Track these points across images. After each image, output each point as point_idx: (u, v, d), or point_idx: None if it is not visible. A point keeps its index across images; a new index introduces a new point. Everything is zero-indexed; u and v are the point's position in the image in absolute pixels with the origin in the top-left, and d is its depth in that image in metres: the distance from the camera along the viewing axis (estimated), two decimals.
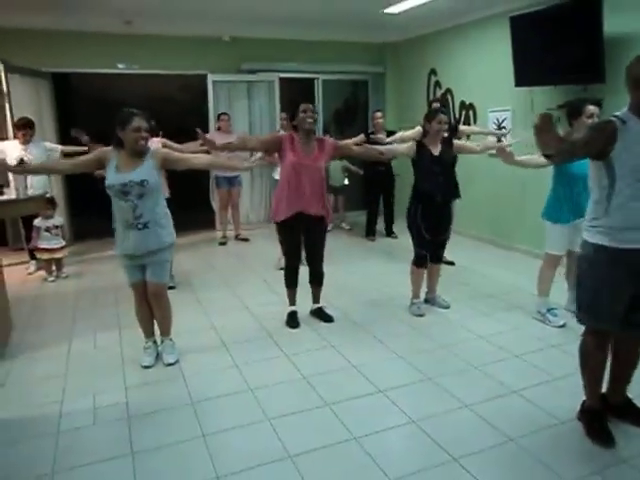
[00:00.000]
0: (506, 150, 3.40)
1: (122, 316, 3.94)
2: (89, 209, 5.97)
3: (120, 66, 6.44)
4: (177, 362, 3.27)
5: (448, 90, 6.75)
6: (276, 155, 3.79)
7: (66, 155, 5.17)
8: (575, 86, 4.75)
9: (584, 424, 2.49)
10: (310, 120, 3.52)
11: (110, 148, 3.01)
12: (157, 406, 2.78)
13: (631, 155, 2.11)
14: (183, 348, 3.42)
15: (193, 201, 6.83)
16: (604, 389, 2.56)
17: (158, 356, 3.32)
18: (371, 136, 5.64)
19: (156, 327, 3.35)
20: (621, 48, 4.25)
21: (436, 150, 3.79)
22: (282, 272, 3.97)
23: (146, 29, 6.26)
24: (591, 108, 3.34)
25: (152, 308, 3.26)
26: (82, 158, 3.10)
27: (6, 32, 5.76)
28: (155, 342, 3.36)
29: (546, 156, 2.24)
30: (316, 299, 3.99)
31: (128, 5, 5.47)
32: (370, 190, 6.63)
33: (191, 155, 3.36)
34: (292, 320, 3.84)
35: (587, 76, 4.57)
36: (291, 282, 3.86)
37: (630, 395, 2.58)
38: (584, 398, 2.54)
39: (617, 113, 2.19)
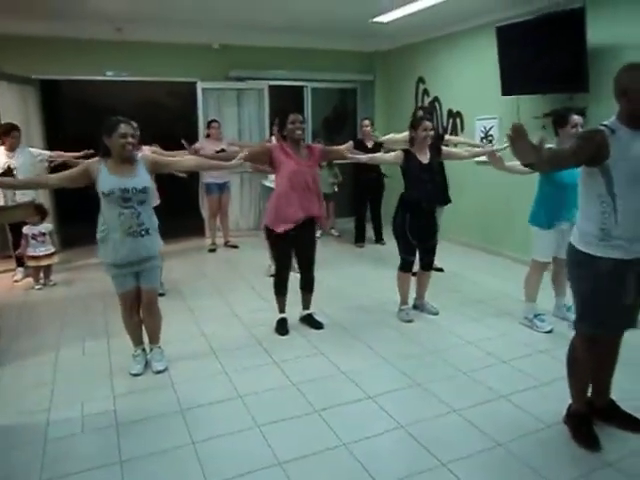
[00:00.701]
0: (496, 155, 3.45)
1: (110, 324, 3.92)
2: (77, 216, 5.93)
3: (109, 73, 6.43)
4: (166, 369, 3.25)
5: (436, 98, 6.82)
6: (266, 166, 3.81)
7: (52, 162, 5.15)
8: (561, 95, 4.84)
9: (570, 428, 2.52)
10: (299, 132, 3.57)
11: (96, 159, 3.01)
12: (146, 414, 2.77)
13: (628, 164, 2.14)
14: (172, 355, 3.41)
15: (182, 208, 6.82)
16: (588, 393, 2.59)
17: (147, 364, 3.31)
18: (361, 145, 5.68)
19: (145, 335, 3.34)
20: (604, 58, 4.34)
21: (425, 158, 3.83)
22: (272, 279, 3.97)
23: (135, 36, 6.27)
24: (575, 118, 3.41)
25: (143, 315, 3.24)
26: (69, 172, 3.04)
27: None
28: (144, 350, 3.35)
29: (527, 165, 2.26)
30: (306, 305, 4.00)
31: (118, 12, 5.50)
32: (359, 196, 6.67)
33: (182, 158, 3.37)
34: (281, 327, 3.84)
35: (572, 85, 4.65)
36: (282, 290, 3.87)
37: (614, 397, 2.62)
38: (570, 402, 2.57)
39: (605, 122, 2.22)
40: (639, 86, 2.13)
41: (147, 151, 4.43)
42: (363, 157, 3.99)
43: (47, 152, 5.41)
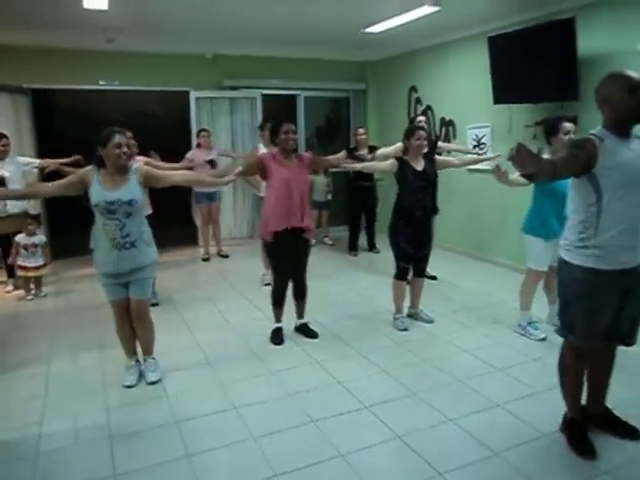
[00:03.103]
0: (501, 169, 3.44)
1: (103, 335, 3.88)
2: (68, 227, 5.89)
3: (101, 82, 6.42)
4: (160, 381, 3.22)
5: (428, 107, 6.86)
6: (256, 176, 3.83)
7: (44, 170, 5.12)
8: (552, 103, 4.88)
9: (566, 436, 2.52)
10: (292, 142, 3.60)
11: (90, 168, 3.01)
12: (140, 426, 2.74)
13: (615, 172, 2.16)
14: (166, 366, 3.38)
15: (175, 217, 6.80)
16: (583, 401, 2.60)
17: (141, 375, 3.28)
18: (354, 153, 5.69)
19: (138, 346, 3.31)
20: (594, 67, 4.39)
21: (419, 165, 3.84)
22: (266, 288, 3.96)
23: (128, 46, 6.26)
24: (567, 125, 3.43)
25: (134, 326, 3.22)
26: (64, 181, 3.05)
27: None
28: (138, 361, 3.32)
29: (526, 176, 2.28)
30: (300, 314, 3.99)
31: (111, 23, 5.49)
32: (353, 205, 6.68)
33: (173, 172, 3.36)
34: (276, 337, 3.82)
35: (563, 94, 4.70)
36: (280, 300, 3.85)
37: (610, 405, 2.63)
38: (565, 411, 2.57)
39: (593, 131, 2.24)
40: (619, 94, 2.16)
41: (141, 162, 4.43)
42: (357, 165, 4.01)
43: (36, 160, 5.38)
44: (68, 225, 5.80)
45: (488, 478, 2.30)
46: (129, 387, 3.15)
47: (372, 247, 6.66)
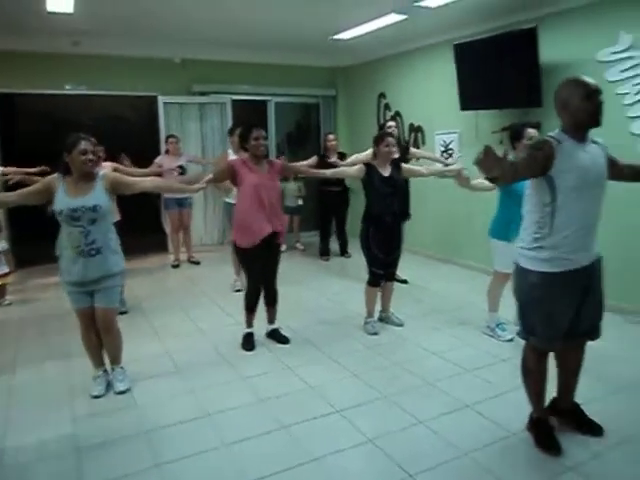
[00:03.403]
0: (463, 174, 3.50)
1: (69, 345, 3.78)
2: (32, 235, 5.73)
3: (67, 87, 6.29)
4: (129, 390, 3.17)
5: (397, 113, 6.95)
6: (227, 182, 3.81)
7: (9, 181, 4.97)
8: (516, 110, 5.01)
9: (533, 435, 2.58)
10: (263, 148, 3.59)
11: (56, 175, 2.96)
12: (108, 437, 2.69)
13: (571, 173, 2.23)
14: (135, 375, 3.32)
15: (145, 224, 6.69)
16: (555, 394, 2.68)
17: (109, 385, 3.21)
18: (325, 159, 5.71)
19: (106, 355, 3.25)
20: (556, 74, 4.51)
21: (386, 171, 3.89)
22: (236, 294, 3.94)
23: (95, 50, 6.17)
24: (531, 131, 3.53)
25: (101, 335, 3.16)
26: (28, 189, 2.99)
27: None
28: (105, 371, 3.25)
29: (490, 180, 2.33)
30: (271, 320, 3.98)
31: (76, 26, 5.40)
32: (324, 210, 6.70)
33: (141, 179, 3.32)
34: (248, 343, 3.80)
35: (527, 100, 4.83)
36: (253, 304, 3.82)
37: (580, 401, 2.70)
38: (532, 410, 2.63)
39: (551, 134, 2.32)
40: (577, 99, 2.24)
41: (108, 168, 4.36)
42: (327, 172, 4.03)
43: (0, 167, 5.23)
44: (32, 233, 5.65)
45: (457, 478, 2.33)
46: (97, 397, 3.09)
47: (344, 252, 6.70)
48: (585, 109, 2.24)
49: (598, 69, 4.26)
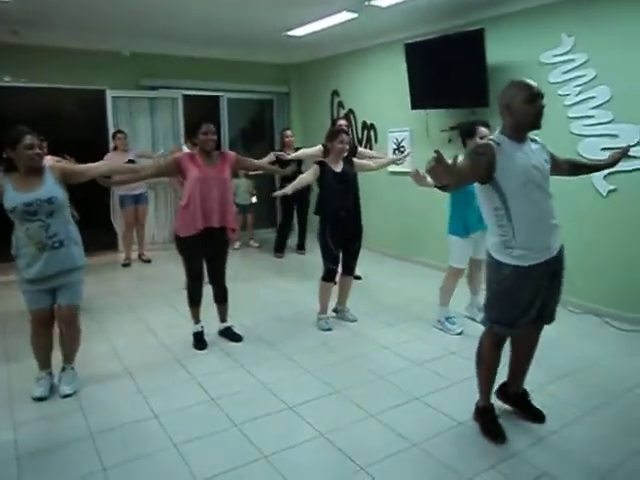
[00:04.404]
0: (420, 174, 3.54)
1: (11, 347, 3.63)
2: None
3: (6, 79, 6.00)
4: (75, 393, 3.06)
5: (350, 110, 7.01)
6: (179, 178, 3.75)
7: None
8: (464, 109, 5.14)
9: (479, 423, 2.66)
10: (212, 143, 3.53)
11: (0, 175, 2.83)
12: (52, 442, 2.59)
13: (514, 174, 2.30)
14: (82, 378, 3.21)
15: (93, 221, 6.47)
16: (505, 378, 2.77)
17: (52, 388, 3.09)
18: (274, 153, 5.64)
19: (54, 356, 3.12)
20: (502, 75, 4.67)
21: (338, 167, 3.91)
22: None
23: (37, 41, 5.91)
24: (483, 130, 3.63)
25: (62, 334, 3.05)
26: None
27: None
28: (50, 374, 3.12)
29: (440, 187, 2.39)
30: (223, 318, 3.93)
31: (14, 14, 5.15)
32: (285, 206, 6.64)
33: (95, 164, 3.23)
34: (199, 341, 3.75)
35: (474, 100, 4.96)
36: (195, 299, 3.76)
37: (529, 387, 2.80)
38: (478, 399, 2.71)
39: (492, 137, 2.40)
40: (520, 101, 2.31)
41: (51, 161, 4.19)
42: (288, 190, 3.94)
43: None
44: None
45: (408, 468, 2.37)
46: (39, 400, 2.97)
47: (300, 248, 6.69)
48: (527, 112, 2.32)
49: (542, 71, 4.43)
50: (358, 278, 5.32)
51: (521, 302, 2.43)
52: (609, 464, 2.38)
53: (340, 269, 4.13)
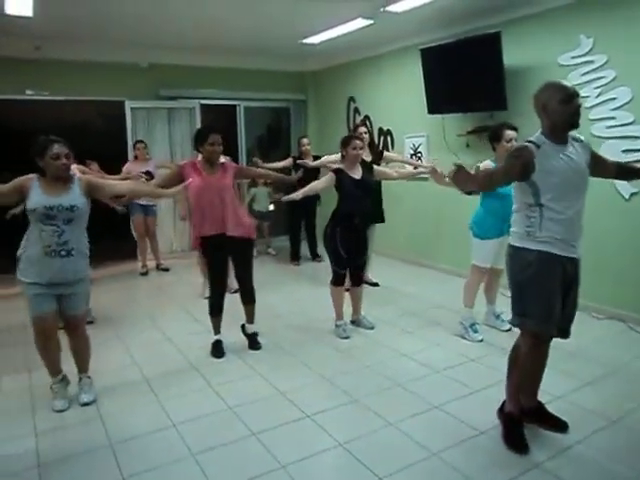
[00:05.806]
0: (438, 172, 3.53)
1: (31, 356, 3.65)
2: None
3: (29, 92, 6.13)
4: (94, 402, 3.09)
5: (367, 117, 6.99)
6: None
7: None
8: (482, 113, 5.09)
9: (502, 427, 2.60)
10: (218, 154, 3.57)
11: (32, 176, 2.88)
12: (72, 451, 2.61)
13: (552, 177, 2.30)
14: (101, 386, 3.24)
15: (114, 230, 6.55)
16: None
17: (69, 393, 3.12)
18: (298, 161, 5.67)
19: (64, 362, 3.13)
20: (520, 78, 4.62)
21: (357, 174, 3.89)
22: (206, 301, 3.89)
23: (58, 55, 6.03)
24: (510, 133, 3.59)
25: (70, 342, 3.08)
26: (1, 187, 2.85)
27: None
28: (63, 379, 3.12)
29: (467, 193, 2.39)
30: (250, 319, 3.91)
31: (37, 30, 5.28)
32: (294, 215, 6.67)
33: (117, 182, 3.28)
34: (217, 350, 3.75)
35: (492, 104, 4.91)
36: (216, 309, 3.77)
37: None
38: (504, 399, 2.65)
39: (531, 138, 2.39)
40: (555, 102, 2.32)
41: (76, 170, 4.26)
42: (298, 195, 3.95)
43: None
44: None
45: (427, 478, 2.33)
46: (60, 412, 2.99)
47: (315, 256, 6.69)
48: (563, 112, 2.32)
49: (560, 73, 4.36)
50: (375, 285, 5.29)
51: (546, 291, 2.39)
52: (636, 475, 2.31)
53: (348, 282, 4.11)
